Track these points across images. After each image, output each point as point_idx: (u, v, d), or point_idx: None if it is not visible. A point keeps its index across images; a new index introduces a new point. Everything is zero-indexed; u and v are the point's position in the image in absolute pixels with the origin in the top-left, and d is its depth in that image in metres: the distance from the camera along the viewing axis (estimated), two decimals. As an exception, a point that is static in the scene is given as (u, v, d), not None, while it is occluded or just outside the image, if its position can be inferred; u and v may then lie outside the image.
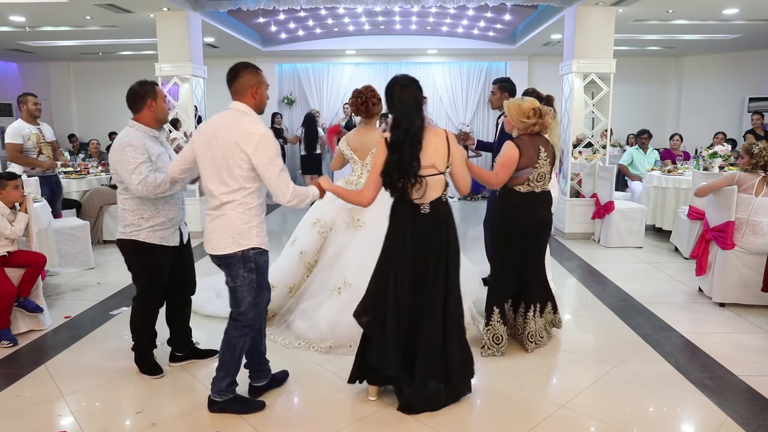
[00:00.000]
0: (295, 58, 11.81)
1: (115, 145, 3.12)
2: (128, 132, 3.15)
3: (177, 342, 3.57)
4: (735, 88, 11.14)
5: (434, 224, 2.83)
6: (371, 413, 2.94)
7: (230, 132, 2.70)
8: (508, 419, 2.92)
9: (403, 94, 2.80)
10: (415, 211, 2.81)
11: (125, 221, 3.19)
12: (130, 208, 3.18)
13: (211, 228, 2.85)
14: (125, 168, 3.04)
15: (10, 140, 5.48)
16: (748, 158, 4.46)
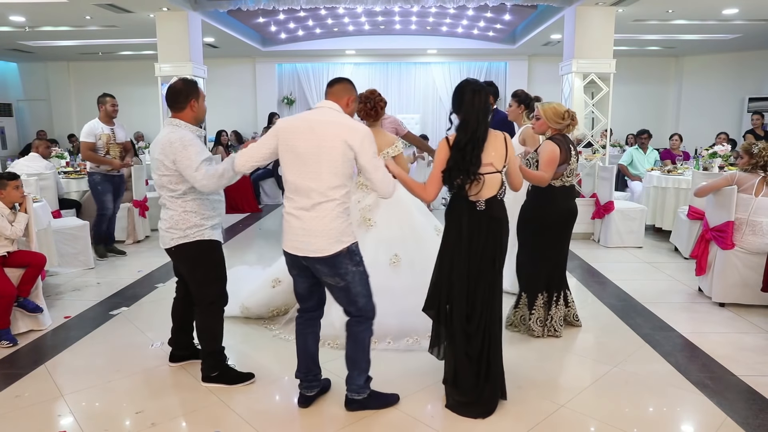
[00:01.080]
0: (294, 58, 11.81)
1: (175, 147, 2.95)
2: (180, 132, 3.02)
3: (180, 342, 3.53)
4: (735, 88, 11.15)
5: (489, 221, 2.90)
6: (371, 413, 2.94)
7: (335, 132, 2.67)
8: (508, 419, 2.92)
9: (474, 98, 2.88)
10: (471, 207, 2.89)
11: (187, 224, 3.07)
12: (192, 209, 3.08)
13: (310, 229, 2.68)
14: (188, 167, 2.94)
15: (84, 138, 5.85)
16: (748, 158, 4.46)
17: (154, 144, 3.14)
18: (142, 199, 7.00)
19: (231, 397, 3.11)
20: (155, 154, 3.06)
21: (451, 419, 2.91)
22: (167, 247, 3.16)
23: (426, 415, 2.93)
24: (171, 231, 3.10)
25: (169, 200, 3.10)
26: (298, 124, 2.73)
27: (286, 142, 2.72)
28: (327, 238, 2.67)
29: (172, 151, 2.96)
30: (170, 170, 3.01)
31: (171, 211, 3.10)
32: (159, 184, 3.11)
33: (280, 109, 11.80)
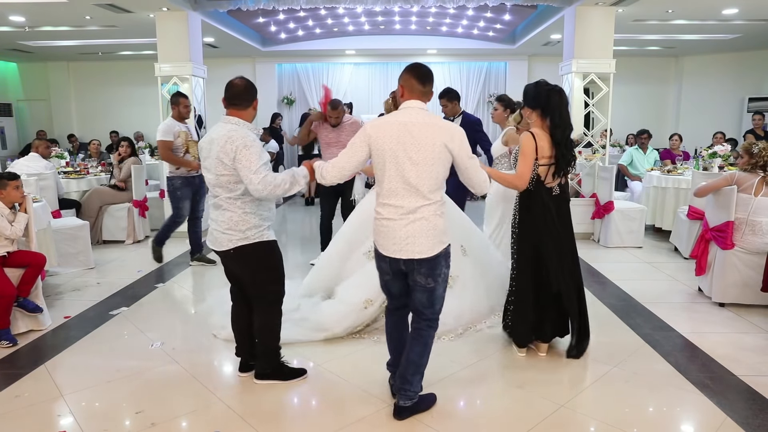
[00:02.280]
0: (294, 58, 11.81)
1: (236, 146, 2.87)
2: (241, 131, 2.94)
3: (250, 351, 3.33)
4: (735, 88, 11.15)
5: (562, 202, 3.45)
6: (371, 413, 2.94)
7: (435, 134, 2.66)
8: (508, 419, 2.92)
9: (561, 99, 3.30)
10: (549, 193, 3.39)
11: (246, 225, 2.99)
12: (251, 210, 3.01)
13: (409, 232, 2.68)
14: (246, 167, 2.87)
15: (162, 137, 5.48)
16: (748, 158, 4.46)
17: (207, 142, 3.03)
18: (142, 199, 6.99)
19: (231, 397, 3.11)
20: (213, 152, 2.95)
21: (451, 419, 2.91)
22: (224, 249, 3.06)
23: (426, 415, 2.93)
24: (229, 233, 3.00)
25: (226, 201, 2.99)
26: (392, 130, 2.67)
27: (381, 148, 2.68)
28: (429, 239, 2.69)
29: (232, 149, 2.88)
30: (229, 169, 2.91)
31: (229, 212, 2.99)
32: (215, 184, 3.00)
33: (280, 109, 11.80)
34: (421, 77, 2.75)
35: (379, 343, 3.77)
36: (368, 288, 3.85)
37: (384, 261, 2.80)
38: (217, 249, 3.09)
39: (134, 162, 6.93)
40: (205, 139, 3.06)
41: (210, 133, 3.07)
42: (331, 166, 2.82)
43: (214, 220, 3.08)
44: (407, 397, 2.85)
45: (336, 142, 5.48)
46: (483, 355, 3.60)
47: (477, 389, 3.25)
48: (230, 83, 3.06)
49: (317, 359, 3.56)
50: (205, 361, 3.61)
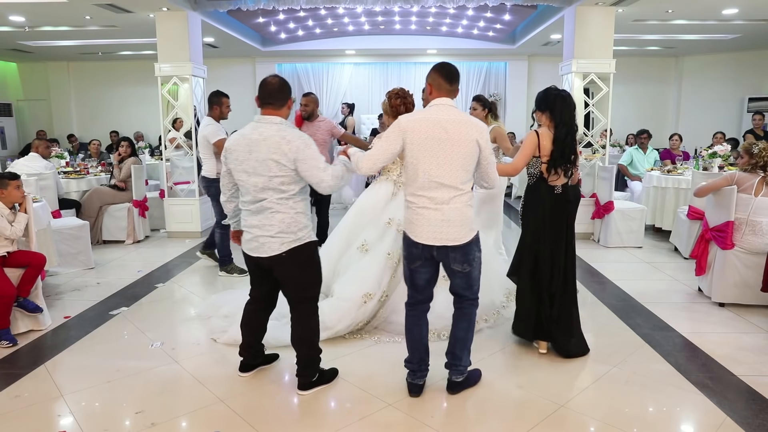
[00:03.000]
0: (294, 58, 11.82)
1: (296, 146, 2.81)
2: (293, 130, 2.88)
3: (257, 350, 3.35)
4: (735, 88, 11.16)
5: (564, 203, 3.50)
6: (371, 413, 2.94)
7: (467, 131, 2.84)
8: (507, 419, 2.92)
9: (568, 103, 3.48)
10: (550, 190, 3.47)
11: (298, 226, 2.92)
12: (301, 210, 2.95)
13: (446, 221, 2.85)
14: (314, 167, 2.84)
15: (219, 136, 5.19)
16: (748, 158, 4.46)
17: (246, 144, 2.86)
18: (142, 199, 6.99)
19: (231, 397, 3.11)
20: (259, 154, 2.81)
21: (450, 419, 2.91)
22: (274, 254, 2.91)
23: (426, 415, 2.93)
24: (281, 236, 2.89)
25: (277, 203, 2.87)
26: (427, 125, 2.82)
27: (415, 143, 2.83)
28: (462, 227, 2.88)
29: (291, 149, 2.80)
30: (286, 170, 2.82)
31: (281, 214, 2.88)
32: (263, 187, 2.85)
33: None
34: (449, 76, 2.92)
35: (380, 344, 3.78)
36: (365, 282, 3.86)
37: (416, 247, 2.92)
38: (264, 255, 2.93)
39: (134, 162, 6.93)
40: (241, 142, 2.88)
41: (246, 134, 2.89)
42: (366, 156, 2.93)
43: (256, 226, 2.92)
44: (459, 372, 3.09)
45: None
46: (483, 355, 3.60)
47: (477, 389, 3.25)
48: (265, 81, 2.96)
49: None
50: (205, 361, 3.61)
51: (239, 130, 2.99)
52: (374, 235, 4.06)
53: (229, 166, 2.97)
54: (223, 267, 5.50)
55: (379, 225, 4.06)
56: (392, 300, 3.96)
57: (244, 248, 3.05)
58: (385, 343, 3.79)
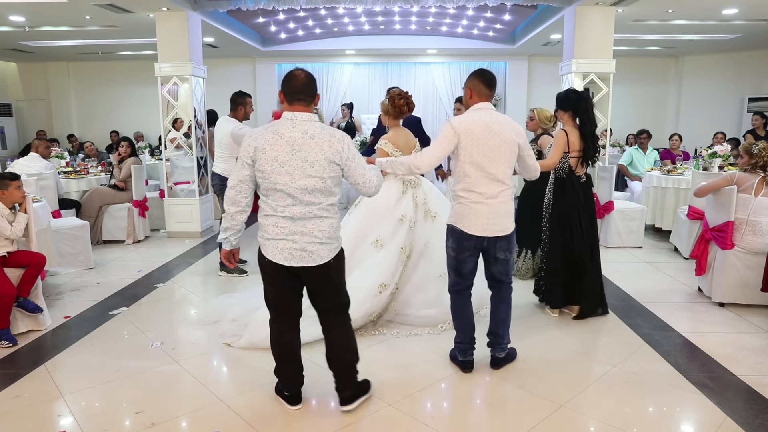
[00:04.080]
0: (294, 58, 11.80)
1: (346, 144, 2.69)
2: (331, 128, 2.75)
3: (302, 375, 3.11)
4: (735, 88, 11.15)
5: (587, 188, 4.20)
6: (371, 413, 2.94)
7: (510, 131, 3.14)
8: (507, 419, 2.92)
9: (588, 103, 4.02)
10: (577, 180, 4.11)
11: (339, 230, 2.80)
12: (337, 214, 2.82)
13: (496, 213, 3.15)
14: (363, 166, 2.75)
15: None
16: (748, 158, 4.47)
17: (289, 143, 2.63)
18: (142, 199, 6.99)
19: (231, 397, 3.11)
20: (309, 154, 2.62)
21: (451, 419, 2.91)
22: (322, 263, 2.73)
23: (426, 415, 2.94)
24: (329, 242, 2.72)
25: (325, 209, 2.70)
26: (479, 127, 3.09)
27: (468, 143, 3.08)
28: (509, 219, 3.21)
29: (344, 148, 2.67)
30: (337, 170, 2.69)
31: (328, 219, 2.72)
32: (314, 189, 2.65)
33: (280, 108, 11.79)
34: (488, 82, 3.20)
35: (381, 344, 3.79)
36: (380, 274, 3.97)
37: (469, 240, 3.18)
38: (311, 264, 2.71)
39: (134, 162, 6.93)
40: (279, 141, 2.63)
41: (282, 132, 2.65)
42: (426, 155, 3.14)
43: (300, 233, 2.68)
44: (501, 349, 3.43)
45: None
46: (484, 355, 3.60)
47: (477, 389, 3.25)
48: (292, 75, 2.73)
49: (317, 359, 3.55)
50: (205, 361, 3.61)
51: (264, 127, 2.74)
52: (388, 231, 4.17)
53: (261, 167, 2.65)
54: (223, 267, 5.50)
55: (392, 221, 4.16)
56: (404, 294, 4.11)
57: (279, 259, 2.71)
58: (385, 343, 3.80)
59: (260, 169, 2.66)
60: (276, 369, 3.00)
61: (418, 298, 4.11)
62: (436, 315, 4.04)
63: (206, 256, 6.22)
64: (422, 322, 4.02)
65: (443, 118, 11.90)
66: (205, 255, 6.28)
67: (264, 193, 2.72)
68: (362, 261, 4.13)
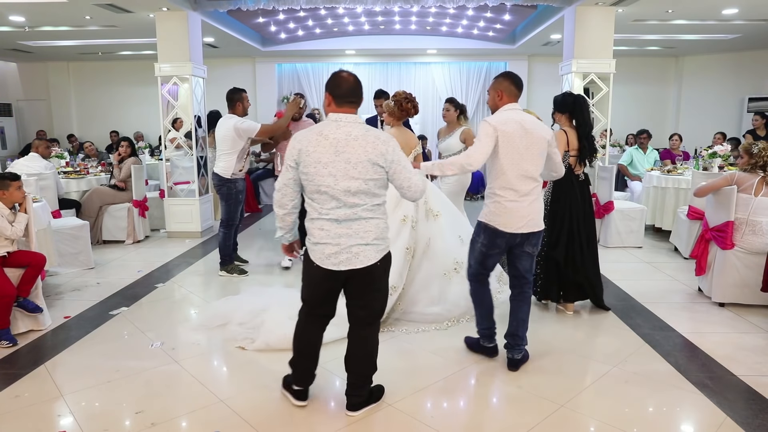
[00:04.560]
0: (294, 58, 11.81)
1: (392, 146, 2.68)
2: (380, 130, 2.77)
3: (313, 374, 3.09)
4: (735, 88, 11.14)
5: (585, 186, 4.32)
6: (371, 413, 2.94)
7: (541, 129, 3.27)
8: (507, 419, 2.92)
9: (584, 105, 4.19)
10: (576, 179, 4.24)
11: (387, 231, 2.79)
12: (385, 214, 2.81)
13: (531, 210, 3.26)
14: (408, 169, 2.72)
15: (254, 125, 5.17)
16: (748, 158, 4.47)
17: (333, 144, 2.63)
18: (142, 199, 6.99)
19: (231, 397, 3.11)
20: (353, 155, 2.61)
21: (451, 419, 2.91)
22: (369, 264, 2.71)
23: (426, 415, 2.94)
24: (377, 242, 2.72)
25: (371, 209, 2.69)
26: (514, 127, 3.19)
27: (506, 142, 3.17)
28: (540, 215, 3.33)
29: (389, 150, 2.66)
30: (381, 173, 2.67)
31: (375, 219, 2.71)
32: (357, 191, 2.64)
33: (280, 108, 11.79)
34: (517, 84, 3.33)
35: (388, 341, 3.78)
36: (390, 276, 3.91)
37: (502, 237, 3.27)
38: (358, 266, 2.70)
39: (134, 162, 6.93)
40: (322, 143, 2.64)
41: (326, 134, 2.65)
42: (476, 153, 3.17)
43: (346, 234, 2.67)
44: (520, 350, 3.42)
45: None
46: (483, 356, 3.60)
47: (477, 389, 3.25)
48: (339, 78, 2.74)
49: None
50: (205, 361, 3.61)
51: (309, 129, 2.73)
52: (392, 233, 4.14)
53: (305, 170, 2.66)
54: (223, 267, 5.51)
55: (395, 222, 4.16)
56: (410, 293, 4.19)
57: (326, 264, 2.71)
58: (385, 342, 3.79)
59: (304, 171, 2.67)
60: (292, 361, 3.01)
61: (423, 296, 4.20)
62: (440, 312, 4.13)
63: (206, 256, 6.22)
64: (428, 320, 4.11)
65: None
66: (205, 255, 6.28)
67: (309, 196, 2.73)
68: None
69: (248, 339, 3.79)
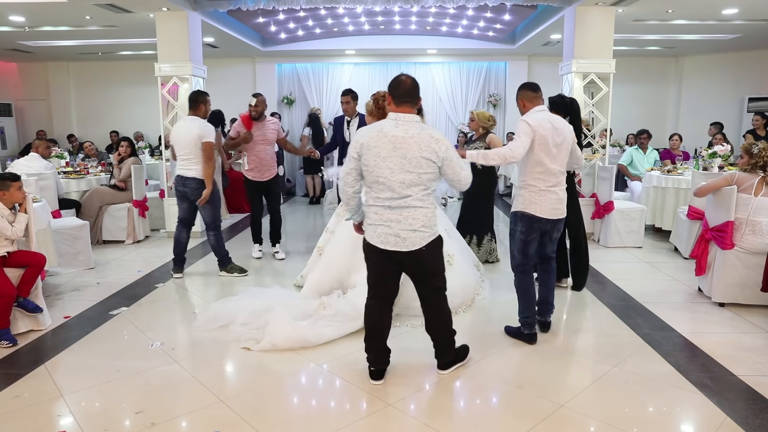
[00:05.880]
0: (294, 58, 11.80)
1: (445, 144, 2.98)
2: (435, 129, 3.09)
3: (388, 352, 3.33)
4: (734, 88, 11.14)
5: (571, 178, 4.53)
6: (371, 413, 2.94)
7: (566, 127, 3.70)
8: (507, 419, 2.92)
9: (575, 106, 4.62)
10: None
11: (434, 220, 3.07)
12: (435, 205, 3.14)
13: (560, 198, 3.68)
14: (458, 164, 3.04)
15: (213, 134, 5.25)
16: (748, 158, 4.47)
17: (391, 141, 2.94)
18: (142, 199, 6.99)
19: (231, 397, 3.11)
20: (408, 152, 2.92)
21: (451, 419, 2.91)
22: (415, 249, 3.01)
23: (426, 415, 2.94)
24: (422, 230, 3.01)
25: (421, 199, 2.99)
26: (548, 125, 3.57)
27: (543, 138, 3.54)
28: (564, 204, 3.74)
29: (441, 147, 2.97)
30: (434, 168, 2.98)
31: (423, 209, 3.01)
32: (411, 183, 2.95)
33: (280, 108, 11.79)
34: (533, 88, 3.75)
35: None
36: None
37: (538, 222, 3.65)
38: (404, 249, 3.01)
39: (134, 162, 6.93)
40: (383, 139, 2.95)
41: (386, 131, 2.96)
42: (519, 147, 3.50)
43: (396, 220, 2.99)
44: (550, 312, 3.97)
45: (262, 140, 5.83)
46: (483, 355, 3.60)
47: (477, 389, 3.25)
48: (399, 80, 3.06)
49: (317, 359, 3.56)
50: (205, 361, 3.61)
51: (372, 126, 3.04)
52: None
53: (366, 162, 2.98)
54: (222, 267, 5.51)
55: None
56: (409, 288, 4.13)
57: (376, 242, 3.06)
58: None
59: (365, 163, 3.00)
60: (365, 343, 3.28)
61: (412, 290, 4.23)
62: None
63: (206, 256, 6.22)
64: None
65: (443, 118, 11.91)
66: (204, 255, 6.28)
67: (368, 185, 3.07)
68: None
69: (252, 339, 3.78)
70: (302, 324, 3.85)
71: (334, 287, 4.40)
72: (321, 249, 4.81)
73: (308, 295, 4.37)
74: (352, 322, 3.91)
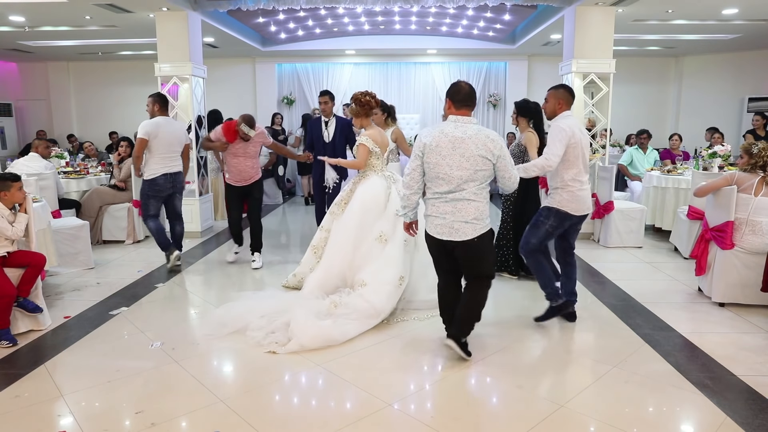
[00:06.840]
0: (294, 58, 11.80)
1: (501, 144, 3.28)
2: (491, 130, 3.36)
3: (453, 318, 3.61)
4: (734, 88, 11.14)
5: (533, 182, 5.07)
6: (371, 413, 2.94)
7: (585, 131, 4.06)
8: (507, 419, 2.92)
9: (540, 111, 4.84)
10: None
11: (486, 213, 3.35)
12: (488, 200, 3.39)
13: (589, 196, 3.99)
14: (510, 164, 3.34)
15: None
16: (748, 158, 4.47)
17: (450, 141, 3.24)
18: (142, 199, 6.99)
19: (231, 397, 3.11)
20: (466, 150, 3.22)
21: (450, 419, 2.91)
22: (467, 239, 3.29)
23: (426, 415, 2.94)
24: (474, 222, 3.29)
25: (475, 193, 3.28)
26: (575, 129, 3.85)
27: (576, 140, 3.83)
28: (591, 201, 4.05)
29: (497, 146, 3.27)
30: (489, 165, 3.27)
31: (477, 202, 3.29)
32: (467, 179, 3.25)
33: (280, 109, 11.78)
34: (572, 94, 4.00)
35: (382, 343, 3.79)
36: (397, 267, 4.28)
37: (569, 219, 3.94)
38: (457, 239, 3.31)
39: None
40: (444, 139, 3.26)
41: (447, 132, 3.27)
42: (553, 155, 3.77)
43: (450, 212, 3.29)
44: (574, 295, 4.18)
45: (243, 153, 5.63)
46: (483, 354, 3.60)
47: (477, 389, 3.25)
48: (458, 86, 3.38)
49: (317, 359, 3.56)
50: (205, 361, 3.61)
51: (433, 127, 3.34)
52: (388, 226, 4.45)
53: (428, 160, 3.29)
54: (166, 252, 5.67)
55: (389, 217, 4.46)
56: (411, 281, 4.38)
57: (433, 232, 3.38)
58: (386, 342, 3.81)
59: (427, 161, 3.30)
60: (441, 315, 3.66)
61: (422, 284, 4.42)
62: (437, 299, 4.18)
63: (206, 256, 6.22)
64: (429, 306, 4.22)
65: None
66: (205, 255, 6.29)
67: (429, 180, 3.36)
68: (368, 258, 4.37)
69: (274, 343, 3.71)
70: (326, 323, 3.89)
71: (339, 286, 4.42)
72: (316, 248, 4.81)
73: (312, 295, 4.36)
74: (371, 319, 4.01)
